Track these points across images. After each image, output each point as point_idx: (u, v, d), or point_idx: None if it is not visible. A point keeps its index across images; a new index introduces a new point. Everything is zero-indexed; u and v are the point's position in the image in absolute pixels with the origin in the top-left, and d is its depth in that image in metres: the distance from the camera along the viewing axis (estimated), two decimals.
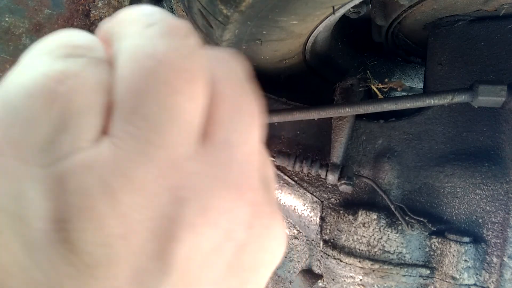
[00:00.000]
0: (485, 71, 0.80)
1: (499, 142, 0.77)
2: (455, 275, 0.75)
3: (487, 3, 0.76)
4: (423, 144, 0.84)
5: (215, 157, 0.19)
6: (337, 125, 0.86)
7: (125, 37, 0.19)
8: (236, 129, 0.20)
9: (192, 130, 0.18)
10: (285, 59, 0.93)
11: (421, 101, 0.72)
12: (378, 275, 0.79)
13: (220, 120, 0.20)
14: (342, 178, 0.82)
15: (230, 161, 0.19)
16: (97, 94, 0.18)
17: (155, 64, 0.18)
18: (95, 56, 0.19)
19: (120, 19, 0.21)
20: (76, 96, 0.17)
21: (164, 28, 0.19)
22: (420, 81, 1.28)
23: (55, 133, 0.16)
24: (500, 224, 0.74)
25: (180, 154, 0.18)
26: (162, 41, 0.18)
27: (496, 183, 0.76)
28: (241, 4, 0.63)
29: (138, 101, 0.17)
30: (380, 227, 0.81)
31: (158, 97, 0.17)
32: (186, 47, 0.19)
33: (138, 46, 0.18)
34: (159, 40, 0.18)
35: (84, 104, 0.17)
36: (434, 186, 0.82)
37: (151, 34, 0.19)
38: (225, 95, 0.20)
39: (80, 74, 0.18)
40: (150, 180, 0.17)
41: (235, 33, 0.74)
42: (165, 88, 0.17)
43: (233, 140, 0.20)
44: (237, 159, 0.20)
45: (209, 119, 0.20)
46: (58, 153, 0.16)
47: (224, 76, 0.21)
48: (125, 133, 0.17)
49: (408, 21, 0.93)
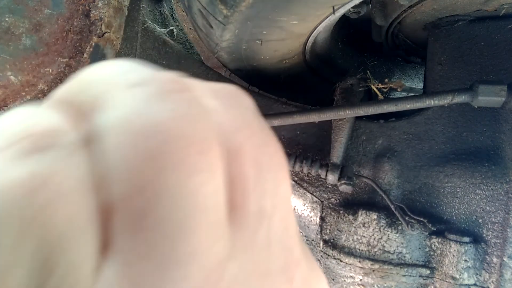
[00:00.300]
0: (485, 71, 0.81)
1: (499, 142, 0.77)
2: (455, 275, 0.75)
3: (487, 3, 0.76)
4: (423, 144, 0.84)
5: (254, 242, 0.15)
6: (337, 125, 0.86)
7: (107, 106, 0.14)
8: (268, 192, 0.16)
9: (220, 220, 0.14)
10: (285, 59, 0.93)
11: (421, 102, 0.72)
12: (378, 275, 0.79)
13: (248, 185, 0.15)
14: (342, 178, 0.82)
15: (269, 239, 0.15)
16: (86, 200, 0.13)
17: (157, 143, 0.13)
18: (66, 141, 0.13)
19: (87, 80, 0.16)
20: (58, 211, 0.12)
21: (155, 87, 0.14)
22: (420, 81, 1.28)
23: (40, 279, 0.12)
24: (500, 224, 0.74)
25: (215, 261, 0.13)
26: (157, 107, 0.14)
27: (496, 183, 0.76)
28: (241, 4, 0.63)
29: (146, 200, 0.13)
30: (380, 227, 0.81)
31: (170, 188, 0.13)
32: (188, 107, 0.14)
33: (128, 117, 0.13)
34: (153, 106, 0.14)
35: (74, 221, 0.12)
36: (434, 186, 0.82)
37: (140, 100, 0.14)
38: (245, 147, 0.16)
39: (55, 176, 0.12)
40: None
41: (235, 33, 0.74)
42: (178, 174, 0.13)
43: (267, 207, 0.15)
44: (276, 233, 0.15)
45: (233, 184, 0.15)
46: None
47: (237, 121, 0.16)
48: (134, 252, 0.12)
49: (408, 21, 0.93)
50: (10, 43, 0.56)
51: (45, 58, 0.59)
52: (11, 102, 0.60)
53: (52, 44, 0.58)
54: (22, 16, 0.56)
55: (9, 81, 0.58)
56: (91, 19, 0.59)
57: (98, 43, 0.63)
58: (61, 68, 0.60)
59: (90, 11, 0.58)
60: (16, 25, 0.56)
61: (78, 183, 0.13)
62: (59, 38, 0.58)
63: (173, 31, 1.04)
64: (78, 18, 0.58)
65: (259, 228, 0.15)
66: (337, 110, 0.77)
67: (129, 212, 0.13)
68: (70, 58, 0.60)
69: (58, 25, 0.58)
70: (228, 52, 0.86)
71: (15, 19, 0.55)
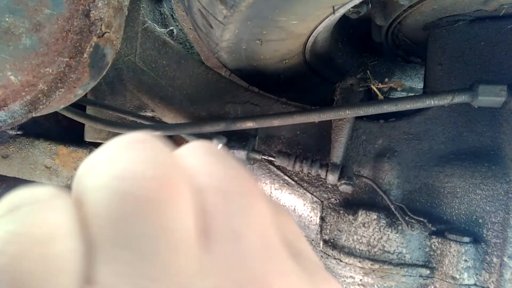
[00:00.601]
0: (485, 71, 0.80)
1: (499, 142, 0.77)
2: (455, 275, 0.75)
3: (487, 3, 0.76)
4: (423, 144, 0.84)
5: (226, 258, 0.16)
6: (337, 125, 0.86)
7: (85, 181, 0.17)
8: (236, 213, 0.17)
9: (189, 242, 0.15)
10: (285, 59, 0.93)
11: (421, 102, 0.72)
12: (378, 275, 0.79)
13: (215, 209, 0.17)
14: (342, 178, 0.82)
15: (243, 254, 0.16)
16: (72, 243, 0.14)
17: (126, 184, 0.15)
18: (40, 196, 0.15)
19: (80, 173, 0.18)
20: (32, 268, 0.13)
21: (119, 146, 0.17)
22: (420, 81, 1.28)
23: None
24: (500, 224, 0.74)
25: (186, 277, 0.15)
26: (124, 157, 0.16)
27: (496, 183, 0.76)
28: (241, 4, 0.63)
29: (120, 230, 0.14)
30: (380, 227, 0.81)
31: (141, 218, 0.15)
32: (149, 152, 0.17)
33: (100, 174, 0.16)
34: (121, 158, 0.16)
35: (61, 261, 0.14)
36: (434, 186, 0.82)
37: (107, 158, 0.16)
38: (208, 184, 0.17)
39: (24, 229, 0.14)
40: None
41: (235, 33, 0.74)
42: (147, 206, 0.15)
43: (237, 227, 0.17)
44: (250, 248, 0.16)
45: (204, 213, 0.17)
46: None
47: (201, 163, 0.18)
48: (114, 276, 0.14)
49: (408, 21, 0.93)
50: (10, 43, 0.56)
51: (45, 58, 0.59)
52: (11, 102, 0.60)
53: (52, 44, 0.58)
54: (22, 16, 0.56)
55: (9, 81, 0.58)
56: (91, 19, 0.59)
57: (98, 43, 0.63)
58: (61, 68, 0.60)
59: (90, 11, 0.58)
60: (16, 25, 0.56)
61: (57, 230, 0.14)
62: (59, 38, 0.58)
63: (173, 31, 1.04)
64: (78, 18, 0.58)
65: (230, 247, 0.16)
66: (337, 110, 0.77)
67: (107, 242, 0.14)
68: (70, 58, 0.60)
69: (58, 25, 0.58)
70: (228, 52, 0.86)
71: (15, 19, 0.55)
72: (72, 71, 0.61)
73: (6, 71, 0.58)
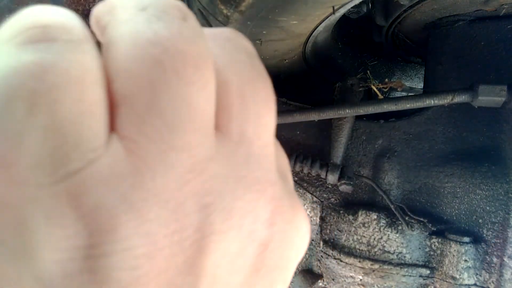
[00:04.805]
0: (485, 71, 0.80)
1: (499, 142, 0.77)
2: (455, 275, 0.75)
3: (487, 3, 0.76)
4: (423, 144, 0.84)
5: (233, 154, 0.17)
6: (337, 125, 0.86)
7: (118, 24, 0.16)
8: (250, 120, 0.18)
9: (209, 126, 0.16)
10: (285, 59, 0.93)
11: (421, 101, 0.72)
12: (378, 275, 0.79)
13: (232, 111, 0.18)
14: (342, 178, 0.82)
15: (248, 156, 0.18)
16: (94, 87, 0.14)
17: (160, 52, 0.15)
18: (75, 37, 0.15)
19: (107, 6, 0.18)
20: (67, 93, 0.13)
21: (160, 10, 0.16)
22: (420, 81, 1.28)
23: (52, 148, 0.13)
24: (500, 224, 0.74)
25: (201, 156, 0.16)
26: (161, 25, 0.16)
27: (496, 183, 0.76)
28: (241, 4, 0.63)
29: (150, 95, 0.15)
30: (380, 227, 0.81)
31: (170, 89, 0.15)
32: (188, 29, 0.16)
33: (136, 32, 0.15)
34: (157, 24, 0.16)
35: (83, 102, 0.14)
36: (434, 186, 0.82)
37: (147, 19, 0.16)
38: (233, 80, 0.18)
39: (64, 62, 0.14)
40: (174, 190, 0.15)
41: None
42: (177, 79, 0.15)
43: (248, 133, 0.18)
44: (254, 154, 0.18)
45: (220, 110, 0.17)
46: (64, 170, 0.13)
47: (228, 59, 0.19)
48: (140, 135, 0.14)
49: (408, 21, 0.93)
50: None
51: None
52: None
53: None
54: None
55: None
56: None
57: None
58: None
59: (90, 11, 0.58)
60: None
61: (88, 72, 0.14)
62: None
63: None
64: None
65: (239, 147, 0.17)
66: (337, 109, 0.77)
67: (137, 103, 0.14)
68: None
69: None
70: None
71: None
72: None
73: None
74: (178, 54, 0.15)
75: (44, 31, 0.14)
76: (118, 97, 0.15)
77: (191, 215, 0.15)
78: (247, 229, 0.17)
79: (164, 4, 0.17)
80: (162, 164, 0.15)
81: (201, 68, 0.16)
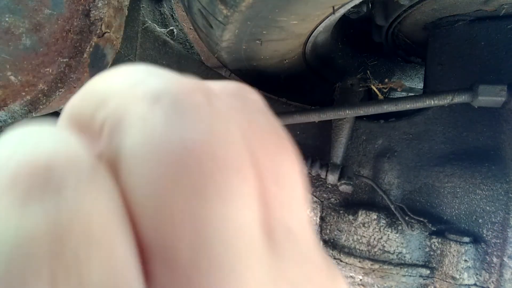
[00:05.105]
0: (485, 71, 0.80)
1: (499, 142, 0.77)
2: (455, 275, 0.75)
3: (487, 3, 0.76)
4: (423, 144, 0.84)
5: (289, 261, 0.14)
6: (337, 125, 0.86)
7: (125, 124, 0.12)
8: (290, 210, 0.14)
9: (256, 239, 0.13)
10: (285, 59, 0.93)
11: (421, 102, 0.72)
12: (378, 275, 0.79)
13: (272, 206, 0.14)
14: (342, 178, 0.82)
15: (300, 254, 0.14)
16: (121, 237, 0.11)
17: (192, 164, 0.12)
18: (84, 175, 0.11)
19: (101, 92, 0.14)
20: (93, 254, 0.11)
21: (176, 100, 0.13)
22: (420, 81, 1.28)
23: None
24: (500, 224, 0.74)
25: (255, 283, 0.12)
26: (185, 123, 0.12)
27: (496, 183, 0.76)
28: (241, 4, 0.63)
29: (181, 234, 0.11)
30: (380, 227, 0.81)
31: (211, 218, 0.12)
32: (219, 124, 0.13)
33: (153, 136, 0.12)
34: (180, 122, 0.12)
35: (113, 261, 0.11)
36: (434, 186, 0.82)
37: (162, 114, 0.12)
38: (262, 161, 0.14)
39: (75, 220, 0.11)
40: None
41: (235, 33, 0.74)
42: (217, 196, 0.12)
43: (293, 228, 0.14)
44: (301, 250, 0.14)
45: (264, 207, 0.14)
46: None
47: (249, 130, 0.14)
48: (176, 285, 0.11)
49: (408, 21, 0.93)
50: (10, 43, 0.56)
51: (45, 58, 0.59)
52: (11, 102, 0.60)
53: (52, 44, 0.58)
54: (22, 16, 0.56)
55: (9, 81, 0.58)
56: (91, 19, 0.59)
57: (98, 43, 0.63)
58: (61, 68, 0.60)
59: (90, 11, 0.58)
60: (16, 25, 0.56)
61: (109, 220, 0.11)
62: (59, 38, 0.58)
63: (173, 31, 1.04)
64: (78, 18, 0.58)
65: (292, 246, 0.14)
66: (337, 109, 0.77)
67: (162, 249, 0.11)
68: (70, 58, 0.60)
69: (58, 25, 0.58)
70: (228, 52, 0.86)
71: (15, 19, 0.55)
72: (72, 71, 0.61)
73: (6, 71, 0.58)
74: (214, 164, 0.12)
75: (46, 177, 0.11)
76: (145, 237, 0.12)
77: None
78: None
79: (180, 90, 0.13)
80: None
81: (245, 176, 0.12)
